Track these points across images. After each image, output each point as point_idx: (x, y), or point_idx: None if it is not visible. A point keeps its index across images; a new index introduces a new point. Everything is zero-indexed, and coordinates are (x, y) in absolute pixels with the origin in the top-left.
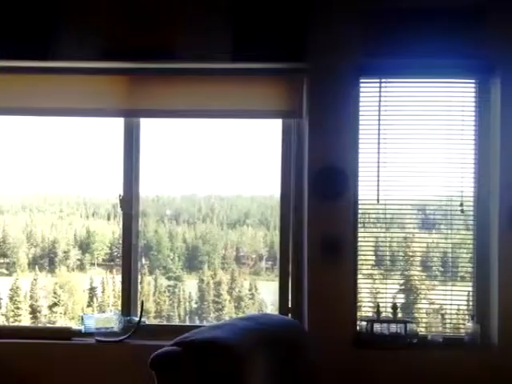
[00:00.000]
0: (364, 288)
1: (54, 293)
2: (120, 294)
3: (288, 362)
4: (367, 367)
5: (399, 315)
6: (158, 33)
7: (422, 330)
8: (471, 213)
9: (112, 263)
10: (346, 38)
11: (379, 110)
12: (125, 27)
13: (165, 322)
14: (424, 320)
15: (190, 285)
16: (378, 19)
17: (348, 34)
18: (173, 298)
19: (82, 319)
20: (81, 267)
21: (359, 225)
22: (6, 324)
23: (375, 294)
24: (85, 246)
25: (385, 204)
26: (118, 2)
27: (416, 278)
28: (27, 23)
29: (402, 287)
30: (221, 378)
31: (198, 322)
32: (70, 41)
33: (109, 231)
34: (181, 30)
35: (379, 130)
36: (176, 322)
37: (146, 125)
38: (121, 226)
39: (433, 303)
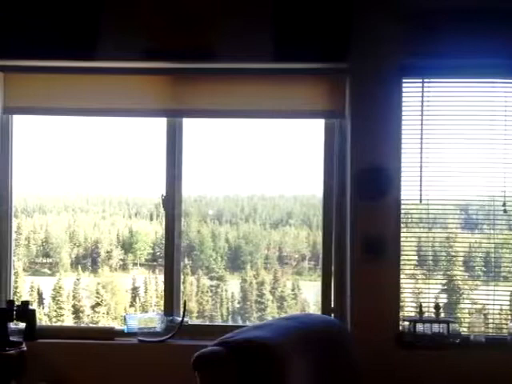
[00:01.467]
0: (407, 288)
1: (97, 293)
2: (162, 294)
3: (330, 362)
4: (409, 367)
5: (442, 315)
6: (201, 33)
7: (465, 330)
8: None
9: (155, 263)
10: (389, 38)
11: (422, 110)
12: (168, 28)
13: (207, 322)
14: (466, 320)
15: (232, 285)
16: (421, 19)
17: (390, 34)
18: (215, 298)
19: (125, 319)
20: (123, 267)
21: (402, 225)
22: (49, 324)
23: (418, 294)
24: (127, 246)
25: (427, 204)
26: (161, 3)
27: (458, 277)
28: (73, 24)
29: (445, 287)
30: (263, 377)
31: (240, 322)
32: (114, 41)
33: (151, 231)
34: (223, 30)
35: (422, 129)
36: (218, 322)
37: (189, 125)
38: (163, 225)
39: (475, 303)
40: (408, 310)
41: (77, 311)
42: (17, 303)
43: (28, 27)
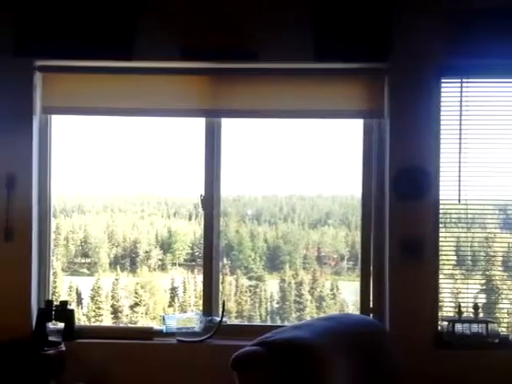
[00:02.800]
0: (445, 288)
1: (136, 293)
2: (201, 293)
3: (369, 362)
4: (448, 367)
5: (481, 315)
6: (240, 33)
7: (504, 330)
8: None
9: (193, 263)
10: (428, 38)
11: (460, 110)
12: (206, 27)
13: (246, 322)
14: (505, 320)
15: (271, 285)
16: (460, 19)
17: (430, 34)
18: (254, 298)
19: (164, 319)
20: (162, 267)
21: (440, 225)
22: (88, 324)
23: (456, 294)
24: (166, 246)
25: (466, 204)
26: (200, 2)
27: (497, 277)
28: (110, 24)
29: (484, 287)
30: (301, 377)
31: (279, 322)
32: (152, 41)
33: (190, 231)
34: (262, 29)
35: (460, 129)
36: (257, 322)
37: (228, 125)
38: (202, 225)
39: None
40: (447, 310)
41: (115, 311)
42: (56, 303)
43: (66, 28)
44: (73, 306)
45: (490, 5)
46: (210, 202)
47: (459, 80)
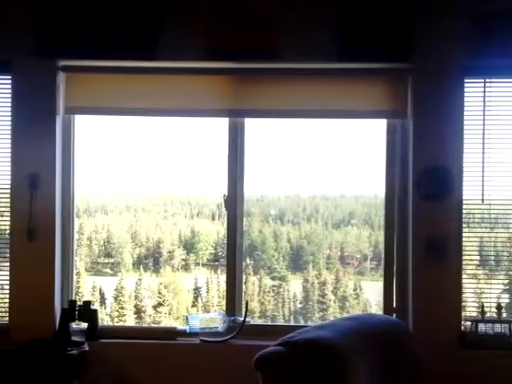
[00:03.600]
0: (468, 288)
1: (159, 293)
2: (224, 293)
3: (392, 362)
4: (471, 367)
5: (504, 315)
6: (263, 33)
7: None
8: None
9: (217, 263)
10: (451, 38)
11: (484, 110)
12: (230, 27)
13: (269, 322)
14: None
15: (294, 285)
16: (483, 19)
17: (453, 34)
18: (277, 298)
19: (187, 319)
20: (185, 267)
21: (464, 225)
22: (111, 324)
23: (480, 294)
24: (189, 246)
25: (489, 204)
26: (224, 3)
27: None
28: (134, 24)
29: (507, 287)
30: (325, 377)
31: (302, 322)
32: (176, 41)
33: (213, 231)
34: (285, 29)
35: (484, 129)
36: (280, 322)
37: (251, 125)
38: (225, 225)
39: None
40: (470, 310)
41: (139, 311)
42: (79, 303)
43: (90, 28)
44: (96, 305)
45: None
46: (234, 202)
47: (482, 80)
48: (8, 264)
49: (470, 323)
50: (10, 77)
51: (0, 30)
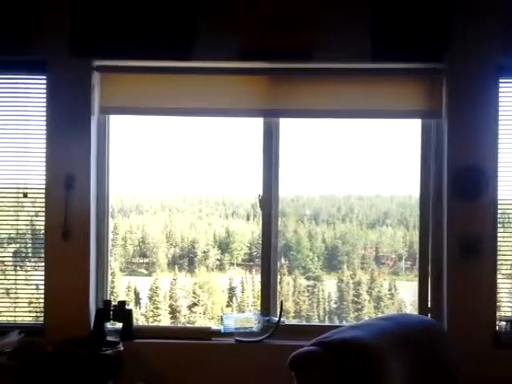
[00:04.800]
0: (503, 288)
1: (194, 293)
2: (259, 293)
3: (427, 363)
4: (506, 367)
5: None
6: (298, 33)
7: None
8: None
9: (251, 263)
10: (486, 38)
11: None
12: (265, 27)
13: (304, 322)
14: None
15: (329, 285)
16: None
17: (488, 34)
18: (312, 298)
19: (222, 319)
20: (220, 267)
21: (499, 224)
22: (146, 324)
23: None
24: (224, 246)
25: None
26: (258, 3)
27: None
28: (169, 24)
29: None
30: (359, 377)
31: (337, 322)
32: (211, 41)
33: (248, 231)
34: (320, 30)
35: None
36: (315, 322)
37: (286, 125)
38: (260, 225)
39: None
40: (505, 309)
41: (173, 311)
42: (114, 303)
43: (125, 28)
44: (131, 305)
45: None
46: (268, 202)
47: None
48: (43, 264)
49: (504, 323)
50: (45, 77)
51: (36, 30)
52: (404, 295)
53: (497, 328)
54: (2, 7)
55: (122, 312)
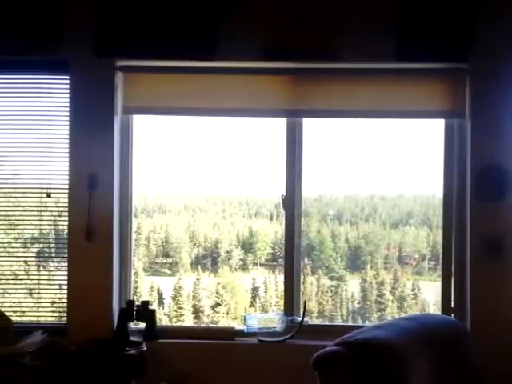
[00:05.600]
0: None
1: (217, 293)
2: (282, 293)
3: (450, 363)
4: None
5: None
6: (321, 33)
7: None
8: None
9: (274, 263)
10: (509, 37)
11: None
12: (288, 27)
13: (327, 322)
14: None
15: (352, 285)
16: None
17: (510, 34)
18: (335, 298)
19: (245, 319)
20: (243, 267)
21: None
22: (169, 324)
23: None
24: (247, 246)
25: None
26: (282, 3)
27: None
28: (193, 24)
29: None
30: (383, 377)
31: (360, 322)
32: (234, 41)
33: (271, 231)
34: (344, 30)
35: None
36: (338, 322)
37: (309, 124)
38: (283, 225)
39: None
40: None
41: (197, 311)
42: (137, 303)
43: (148, 28)
44: (154, 305)
45: None
46: (292, 202)
47: None
48: (66, 264)
49: None
50: (68, 77)
51: (59, 30)
52: (427, 295)
53: None
54: (27, 7)
55: (145, 312)
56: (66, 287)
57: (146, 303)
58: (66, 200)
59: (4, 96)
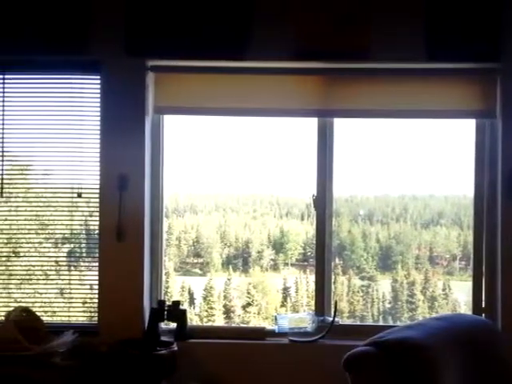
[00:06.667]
0: None
1: (248, 293)
2: (313, 293)
3: (481, 363)
4: None
5: None
6: (353, 33)
7: None
8: None
9: (305, 263)
10: None
11: None
12: (320, 27)
13: (358, 322)
14: None
15: (383, 285)
16: None
17: None
18: (366, 298)
19: (276, 319)
20: (274, 267)
21: None
22: (200, 324)
23: None
24: (278, 246)
25: None
26: (313, 2)
27: None
28: (224, 24)
29: None
30: (414, 377)
31: (391, 322)
32: (265, 41)
33: (302, 231)
34: (375, 29)
35: None
36: (369, 322)
37: (340, 125)
38: (314, 225)
39: None
40: None
41: (228, 311)
42: (168, 303)
43: (179, 28)
44: (185, 305)
45: None
46: (323, 202)
47: None
48: (97, 264)
49: None
50: (99, 77)
51: (90, 30)
52: (458, 295)
53: None
54: (57, 7)
55: (176, 312)
56: (96, 287)
57: (177, 303)
58: (97, 200)
59: (35, 96)
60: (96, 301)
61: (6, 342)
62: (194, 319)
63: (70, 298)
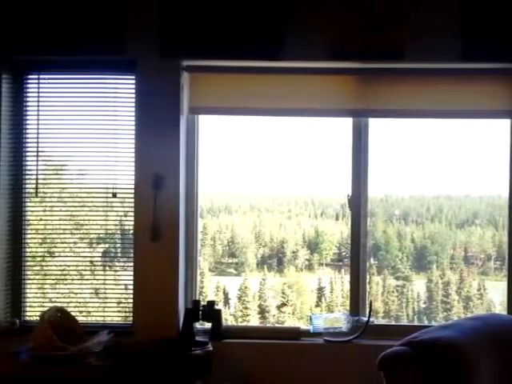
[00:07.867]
0: None
1: (283, 293)
2: (348, 293)
3: None
4: None
5: None
6: (387, 33)
7: None
8: None
9: (340, 263)
10: None
11: None
12: (355, 27)
13: (393, 322)
14: None
15: (418, 285)
16: None
17: None
18: (401, 298)
19: (311, 319)
20: (309, 267)
21: None
22: (235, 324)
23: None
24: (313, 246)
25: None
26: (349, 3)
27: None
28: (259, 24)
29: None
30: (449, 377)
31: (426, 322)
32: (301, 41)
33: (337, 231)
34: (410, 30)
35: None
36: (404, 322)
37: (375, 124)
38: (349, 225)
39: None
40: None
41: (262, 311)
42: (203, 303)
43: (213, 28)
44: (220, 305)
45: None
46: (357, 202)
47: None
48: (132, 264)
49: None
50: (134, 77)
51: (125, 30)
52: (493, 295)
53: None
54: (92, 8)
55: (211, 312)
56: (131, 287)
57: (211, 303)
58: (132, 200)
59: (71, 96)
60: (131, 301)
61: (42, 342)
62: (228, 319)
63: (104, 298)
